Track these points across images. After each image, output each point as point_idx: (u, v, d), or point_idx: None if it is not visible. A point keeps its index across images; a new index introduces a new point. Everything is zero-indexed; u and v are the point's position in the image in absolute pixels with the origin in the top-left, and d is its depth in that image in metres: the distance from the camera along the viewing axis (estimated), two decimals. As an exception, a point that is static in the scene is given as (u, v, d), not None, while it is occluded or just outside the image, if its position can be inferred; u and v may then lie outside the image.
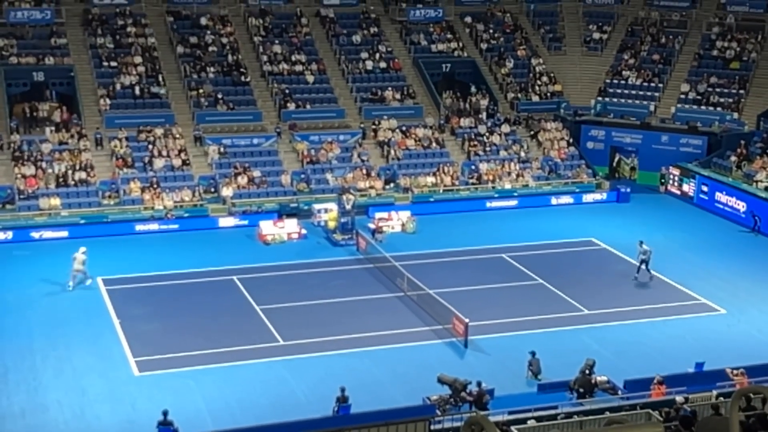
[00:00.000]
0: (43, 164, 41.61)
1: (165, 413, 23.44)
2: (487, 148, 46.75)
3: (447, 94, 49.83)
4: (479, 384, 25.01)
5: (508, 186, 44.86)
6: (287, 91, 47.24)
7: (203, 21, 49.39)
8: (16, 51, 45.84)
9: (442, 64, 50.93)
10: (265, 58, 48.62)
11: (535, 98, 50.50)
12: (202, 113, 45.56)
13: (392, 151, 45.71)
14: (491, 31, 53.34)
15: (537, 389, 26.60)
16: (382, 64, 49.85)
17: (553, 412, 22.63)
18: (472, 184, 44.88)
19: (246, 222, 40.62)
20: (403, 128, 46.96)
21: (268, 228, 39.18)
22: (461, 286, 34.11)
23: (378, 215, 40.54)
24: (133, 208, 40.75)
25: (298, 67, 48.48)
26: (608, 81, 51.60)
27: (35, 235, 38.45)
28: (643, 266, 35.10)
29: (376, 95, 48.36)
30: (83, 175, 41.52)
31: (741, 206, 42.29)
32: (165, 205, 40.87)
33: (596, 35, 53.87)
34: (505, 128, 48.09)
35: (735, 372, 25.34)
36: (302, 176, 43.66)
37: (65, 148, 42.56)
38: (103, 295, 33.21)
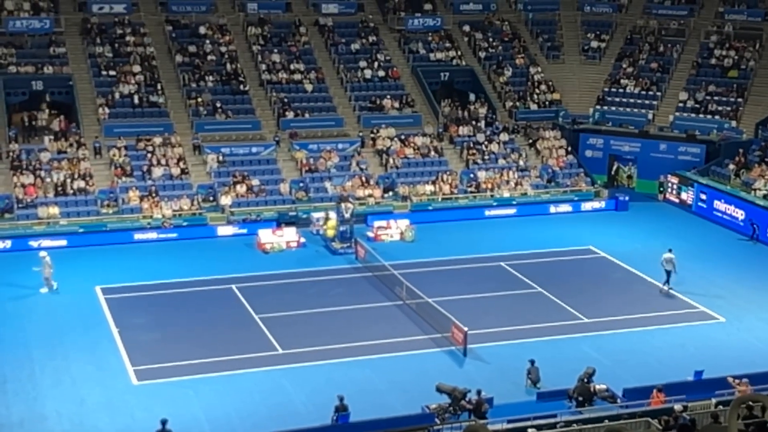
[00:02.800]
0: (42, 173, 41.62)
1: (164, 422, 23.38)
2: (486, 157, 46.77)
3: (445, 102, 49.87)
4: (478, 392, 24.97)
5: (506, 194, 44.86)
6: (286, 100, 47.27)
7: (202, 30, 49.45)
8: (15, 60, 45.87)
9: (440, 73, 50.95)
10: (263, 66, 48.67)
11: (534, 106, 50.54)
12: (201, 122, 45.59)
13: (391, 160, 45.73)
14: (490, 39, 53.39)
15: (536, 398, 26.56)
16: (381, 73, 49.90)
17: (552, 420, 22.63)
18: (471, 192, 44.89)
19: (245, 231, 40.59)
20: (402, 137, 46.98)
21: (266, 236, 39.17)
22: (460, 294, 34.07)
23: (377, 224, 40.53)
24: (132, 217, 40.75)
25: (297, 76, 48.52)
26: (606, 89, 51.63)
27: (34, 244, 38.33)
28: (666, 277, 34.69)
29: (375, 104, 48.39)
30: (82, 183, 41.54)
31: (739, 214, 42.29)
32: (164, 213, 40.86)
33: (594, 44, 53.95)
34: (504, 137, 48.12)
35: (738, 381, 25.23)
36: (301, 185, 43.66)
37: (64, 156, 42.58)
38: (102, 304, 33.18)
